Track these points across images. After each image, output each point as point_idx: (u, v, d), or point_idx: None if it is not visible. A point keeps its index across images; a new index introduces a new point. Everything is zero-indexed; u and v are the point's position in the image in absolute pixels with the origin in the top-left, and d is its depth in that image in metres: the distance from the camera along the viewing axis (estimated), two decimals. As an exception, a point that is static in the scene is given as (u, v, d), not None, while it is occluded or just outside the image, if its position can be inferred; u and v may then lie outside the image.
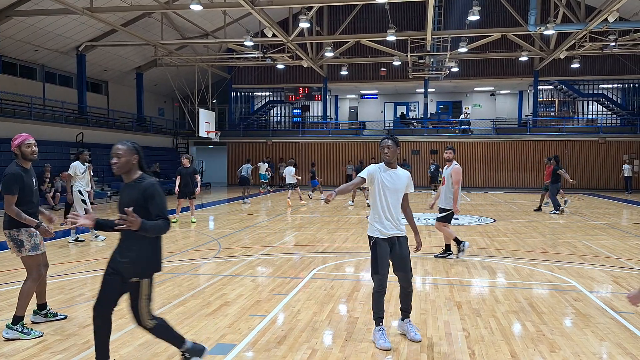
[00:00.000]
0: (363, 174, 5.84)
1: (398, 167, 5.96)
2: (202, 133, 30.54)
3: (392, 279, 6.02)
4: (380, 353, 5.45)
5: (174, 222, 16.41)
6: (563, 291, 7.94)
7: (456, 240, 10.48)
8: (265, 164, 30.42)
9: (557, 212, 19.02)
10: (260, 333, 6.04)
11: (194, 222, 16.48)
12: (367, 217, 6.30)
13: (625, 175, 30.40)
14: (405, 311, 6.03)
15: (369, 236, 5.85)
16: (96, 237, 12.79)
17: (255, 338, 5.88)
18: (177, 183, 16.83)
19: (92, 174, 13.68)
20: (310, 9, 25.29)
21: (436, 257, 10.59)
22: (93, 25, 26.58)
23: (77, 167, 12.60)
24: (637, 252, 11.29)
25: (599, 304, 7.21)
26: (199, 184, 17.27)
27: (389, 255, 5.78)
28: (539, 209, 20.36)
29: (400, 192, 5.87)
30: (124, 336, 5.89)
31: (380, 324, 5.78)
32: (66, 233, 13.97)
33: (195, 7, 21.59)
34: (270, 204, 23.47)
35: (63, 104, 27.37)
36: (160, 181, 30.13)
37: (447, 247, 10.64)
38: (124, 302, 4.48)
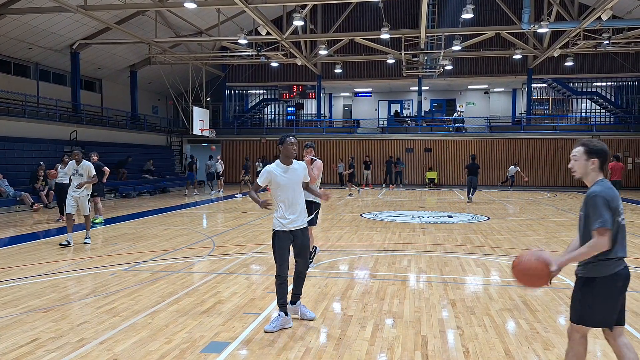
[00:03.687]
0: None
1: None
2: (196, 131, 30.48)
3: (387, 277, 6.05)
4: (375, 351, 5.45)
5: (97, 221, 15.70)
6: (557, 289, 7.96)
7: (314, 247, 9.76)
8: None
9: None
10: (255, 331, 6.04)
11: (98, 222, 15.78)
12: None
13: (510, 174, 31.17)
14: (298, 295, 6.44)
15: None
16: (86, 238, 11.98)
17: (250, 336, 5.87)
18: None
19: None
20: (304, 7, 25.27)
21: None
22: (87, 23, 26.48)
23: (69, 167, 12.11)
24: (630, 250, 11.30)
25: (593, 302, 7.23)
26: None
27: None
28: None
29: None
30: (118, 334, 5.88)
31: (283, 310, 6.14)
32: (60, 231, 13.95)
33: (189, 5, 21.55)
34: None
35: (57, 102, 27.27)
36: (155, 179, 30.10)
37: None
38: (117, 298, 4.47)
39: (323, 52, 30.77)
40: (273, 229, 6.14)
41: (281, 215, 6.09)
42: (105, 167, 15.82)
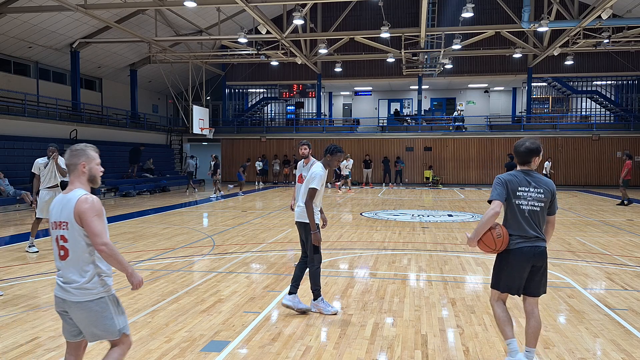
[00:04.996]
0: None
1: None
2: (196, 130, 30.46)
3: (387, 276, 6.07)
4: (375, 350, 5.45)
5: None
6: (557, 288, 7.96)
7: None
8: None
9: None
10: (254, 330, 6.04)
11: None
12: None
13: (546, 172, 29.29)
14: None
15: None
16: (30, 246, 11.07)
17: (249, 335, 5.88)
18: None
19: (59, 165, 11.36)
20: (304, 5, 25.25)
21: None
22: (87, 22, 26.45)
23: (38, 165, 11.19)
24: (630, 249, 11.33)
25: (593, 301, 7.24)
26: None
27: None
28: (622, 203, 21.32)
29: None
30: (117, 333, 5.88)
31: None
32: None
33: (189, 4, 21.55)
34: (263, 201, 23.44)
35: (57, 100, 27.23)
36: (155, 178, 30.11)
37: None
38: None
39: (323, 51, 30.75)
40: (316, 229, 6.63)
41: (317, 212, 6.76)
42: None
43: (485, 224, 4.76)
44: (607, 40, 27.08)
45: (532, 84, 37.19)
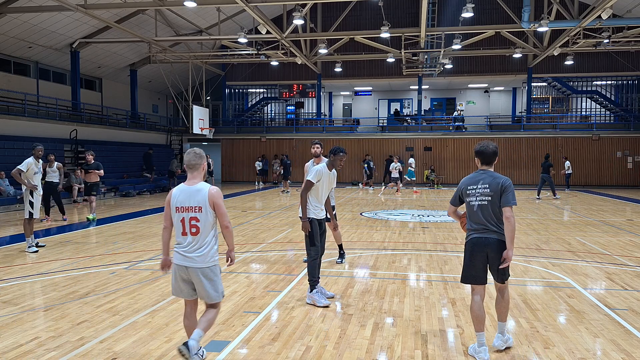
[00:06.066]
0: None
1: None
2: (196, 130, 30.46)
3: (387, 276, 6.07)
4: (375, 350, 5.45)
5: (90, 217, 16.06)
6: (557, 288, 7.96)
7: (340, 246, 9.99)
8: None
9: None
10: (254, 330, 6.04)
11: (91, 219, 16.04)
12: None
13: (566, 172, 28.94)
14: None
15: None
16: (30, 247, 10.88)
17: (249, 335, 5.88)
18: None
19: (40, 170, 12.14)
20: (304, 5, 25.25)
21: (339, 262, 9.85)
22: (87, 22, 26.45)
23: (30, 164, 11.53)
24: (630, 249, 11.33)
25: (593, 301, 7.24)
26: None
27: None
28: None
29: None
30: (117, 333, 5.88)
31: (316, 286, 7.12)
32: (61, 230, 13.94)
33: (189, 4, 21.55)
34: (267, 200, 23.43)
35: (57, 100, 27.21)
36: (155, 178, 30.12)
37: (340, 246, 10.01)
38: (117, 297, 4.48)
39: (323, 51, 30.75)
40: (306, 217, 7.12)
41: (314, 207, 7.24)
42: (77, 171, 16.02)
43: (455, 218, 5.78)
44: (607, 40, 27.09)
45: (532, 84, 37.22)
